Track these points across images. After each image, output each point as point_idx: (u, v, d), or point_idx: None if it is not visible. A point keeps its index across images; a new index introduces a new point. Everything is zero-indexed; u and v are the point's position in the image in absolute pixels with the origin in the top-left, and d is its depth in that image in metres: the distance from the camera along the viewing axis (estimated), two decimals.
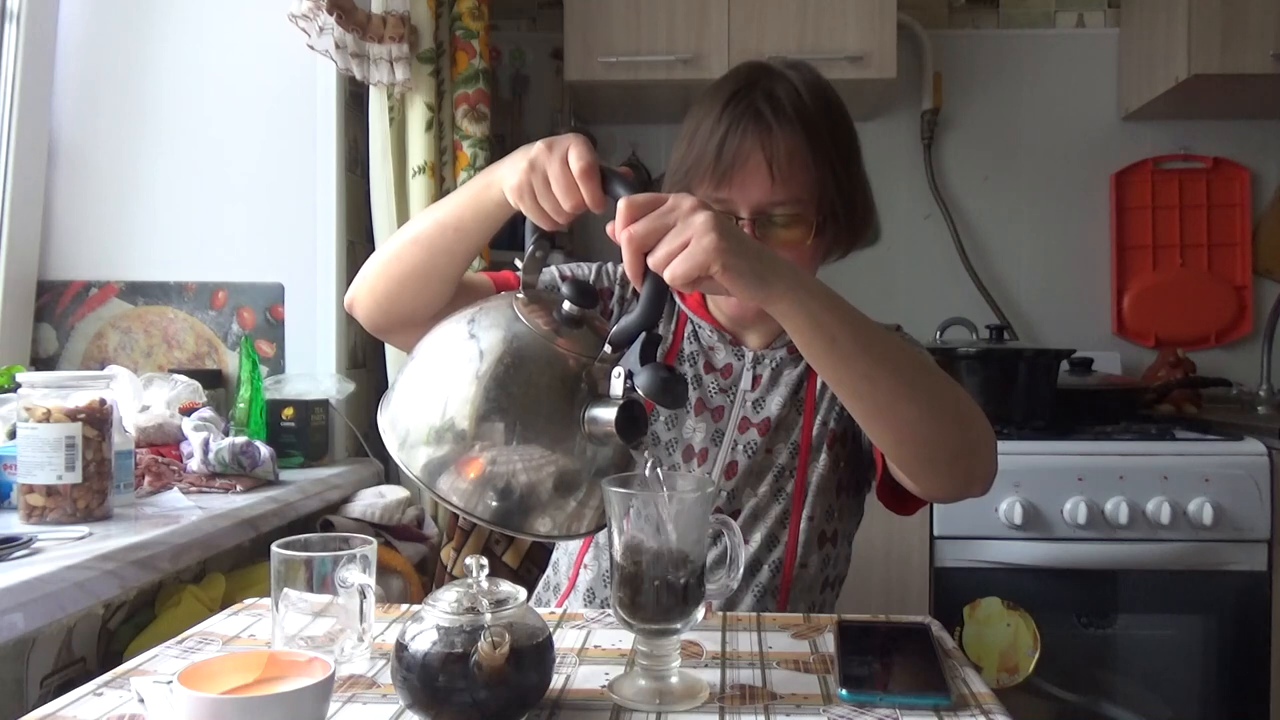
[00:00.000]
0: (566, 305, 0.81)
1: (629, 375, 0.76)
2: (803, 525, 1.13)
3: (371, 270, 1.06)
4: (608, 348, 0.78)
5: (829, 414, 1.15)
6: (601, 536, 1.16)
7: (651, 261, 0.76)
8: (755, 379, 1.16)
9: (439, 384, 0.80)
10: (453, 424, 0.77)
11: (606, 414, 0.75)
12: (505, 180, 0.91)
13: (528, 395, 0.78)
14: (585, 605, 1.16)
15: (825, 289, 0.84)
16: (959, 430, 0.90)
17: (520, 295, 0.84)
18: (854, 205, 1.12)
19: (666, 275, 0.76)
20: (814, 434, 1.14)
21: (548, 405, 0.78)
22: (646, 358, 0.78)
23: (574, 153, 0.85)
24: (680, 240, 0.76)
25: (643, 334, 0.77)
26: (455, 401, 0.78)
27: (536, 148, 0.88)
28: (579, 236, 2.59)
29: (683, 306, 1.21)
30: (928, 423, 0.88)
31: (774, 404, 1.15)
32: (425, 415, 0.79)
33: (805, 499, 1.13)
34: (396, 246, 1.04)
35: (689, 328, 1.20)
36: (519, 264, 0.90)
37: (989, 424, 0.95)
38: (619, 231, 0.77)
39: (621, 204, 0.78)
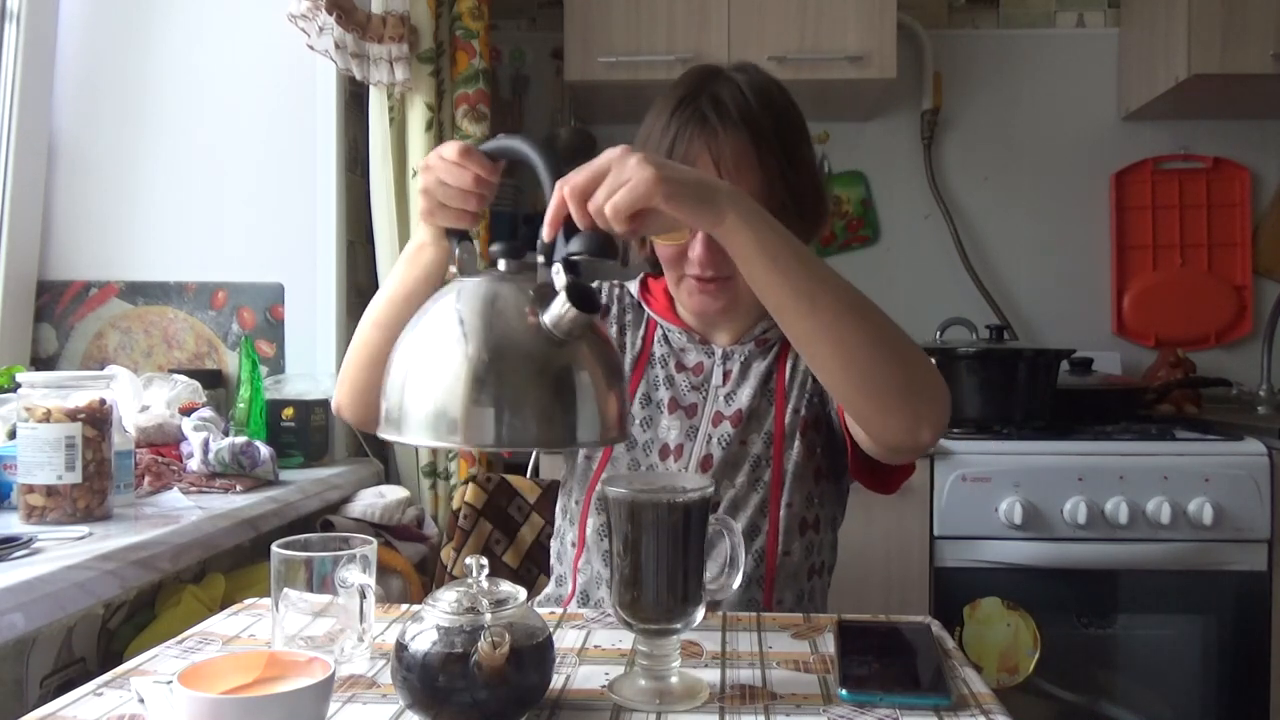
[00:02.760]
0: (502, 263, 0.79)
1: (566, 261, 0.75)
2: (782, 512, 1.14)
3: (346, 365, 1.10)
4: (539, 258, 0.78)
5: (800, 401, 1.17)
6: (592, 540, 1.17)
7: (592, 206, 0.78)
8: (726, 374, 1.19)
9: (425, 355, 0.76)
10: (445, 379, 0.73)
11: (559, 304, 0.72)
12: (417, 225, 0.99)
13: (504, 335, 0.74)
14: (580, 606, 1.17)
15: (765, 213, 0.86)
16: (902, 364, 0.90)
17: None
18: (805, 198, 1.13)
19: (609, 210, 0.77)
20: (786, 422, 1.16)
21: (519, 333, 0.74)
22: (571, 232, 0.77)
23: (446, 147, 0.91)
24: (619, 179, 0.78)
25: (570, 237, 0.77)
26: (442, 359, 0.74)
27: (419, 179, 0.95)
28: None
29: (651, 313, 1.24)
30: (870, 348, 0.88)
31: (745, 395, 1.17)
32: (418, 384, 0.75)
33: (783, 486, 1.15)
34: (361, 335, 1.07)
35: (658, 332, 1.24)
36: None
37: (938, 373, 0.94)
38: (561, 189, 0.78)
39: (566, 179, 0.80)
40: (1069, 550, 1.95)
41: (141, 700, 0.70)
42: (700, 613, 0.80)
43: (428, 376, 0.74)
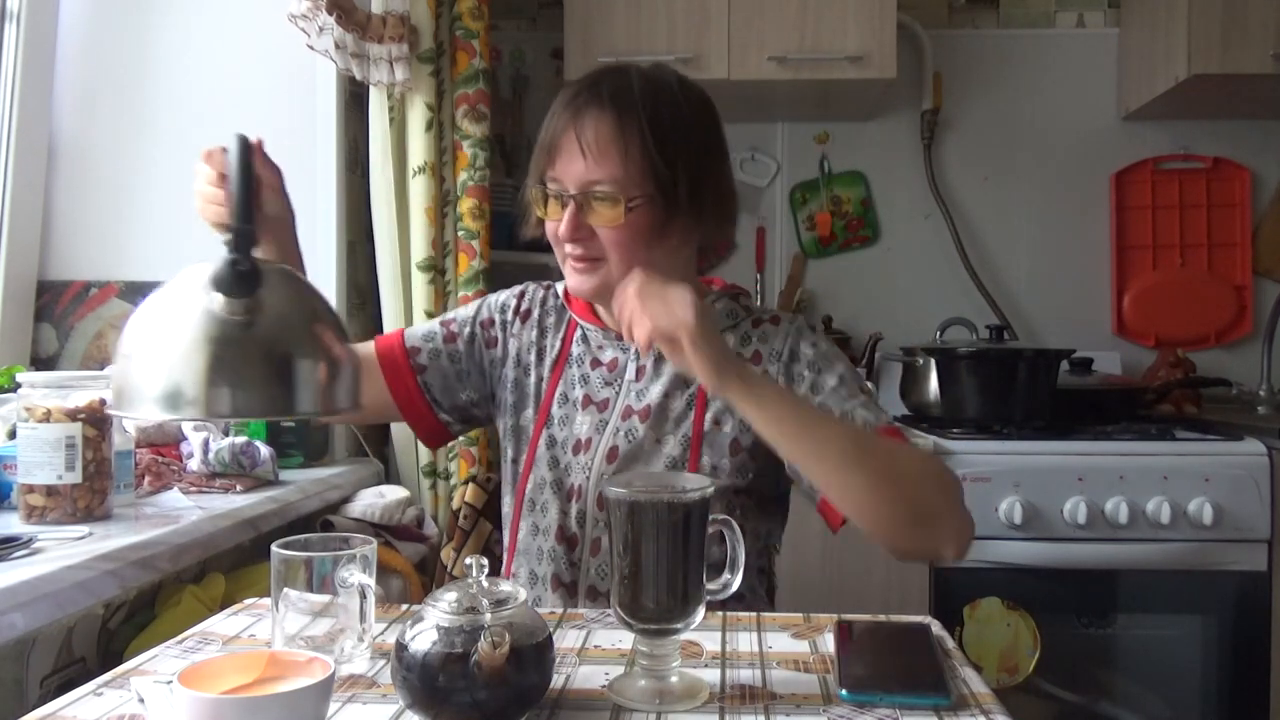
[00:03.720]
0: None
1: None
2: None
3: None
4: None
5: (722, 413, 1.16)
6: (524, 544, 1.19)
7: (629, 315, 0.96)
8: (639, 370, 1.20)
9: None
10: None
11: (214, 295, 0.75)
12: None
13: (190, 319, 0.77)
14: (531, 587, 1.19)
15: (774, 386, 1.03)
16: (911, 500, 1.00)
17: None
18: (682, 191, 1.11)
19: (648, 321, 0.94)
20: (705, 430, 1.16)
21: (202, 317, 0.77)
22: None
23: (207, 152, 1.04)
24: (668, 307, 0.94)
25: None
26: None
27: None
28: None
29: (572, 314, 1.26)
30: (875, 490, 0.98)
31: (655, 391, 1.18)
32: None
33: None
34: None
35: (577, 333, 1.25)
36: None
37: (957, 495, 1.03)
38: (626, 292, 0.97)
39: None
40: (1069, 550, 1.95)
41: (141, 700, 0.70)
42: (700, 613, 0.80)
43: (146, 355, 0.77)
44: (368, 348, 1.27)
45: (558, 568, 1.16)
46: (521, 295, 1.30)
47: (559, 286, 1.30)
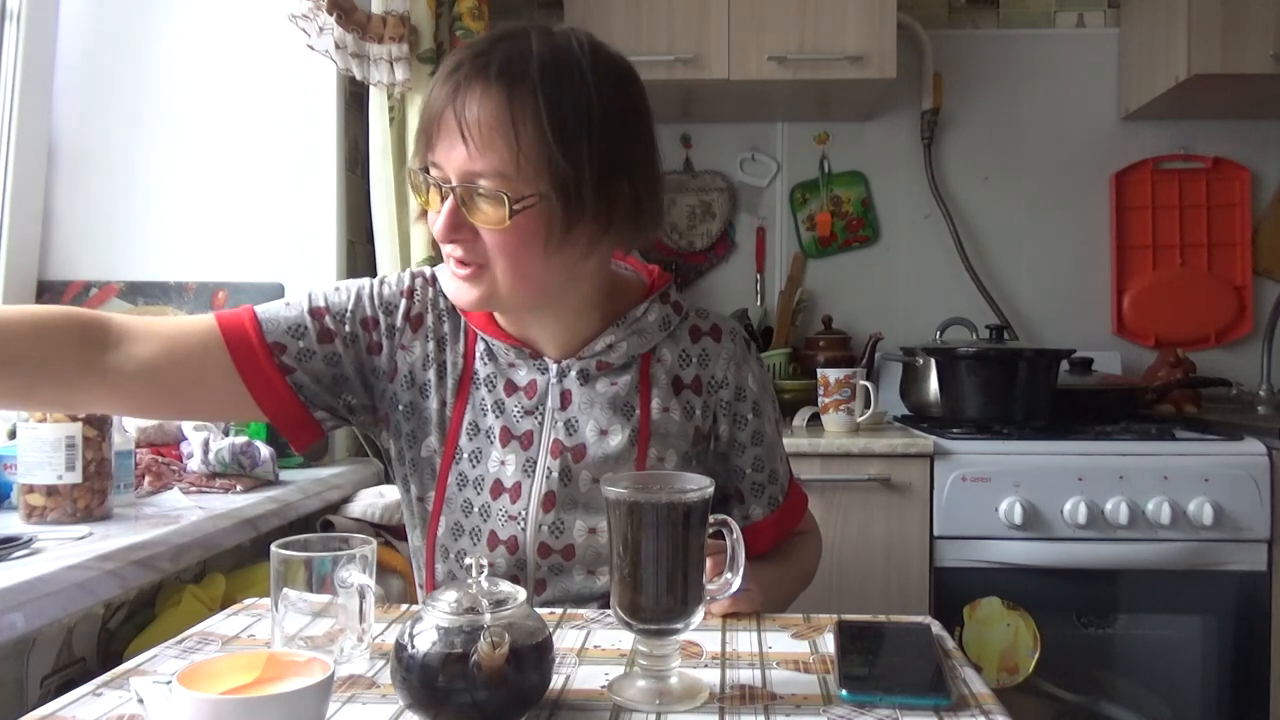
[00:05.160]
0: None
1: None
2: None
3: None
4: None
5: (666, 451, 1.04)
6: (443, 574, 1.08)
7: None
8: (564, 395, 1.04)
9: None
10: None
11: None
12: None
13: None
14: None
15: (771, 582, 1.08)
16: (801, 590, 1.22)
17: None
18: (604, 188, 0.93)
19: (715, 608, 0.96)
20: (650, 466, 1.04)
21: None
22: None
23: None
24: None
25: None
26: None
27: None
28: None
29: (470, 324, 1.07)
30: (793, 598, 1.18)
31: (589, 426, 1.03)
32: None
33: None
34: None
35: (480, 347, 1.06)
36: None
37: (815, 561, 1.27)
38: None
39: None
40: (1069, 550, 1.95)
41: (141, 700, 0.70)
42: (700, 613, 0.80)
43: None
44: (184, 325, 1.00)
45: None
46: (410, 295, 1.07)
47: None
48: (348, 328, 1.05)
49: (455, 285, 0.98)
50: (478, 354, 1.06)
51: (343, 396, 1.06)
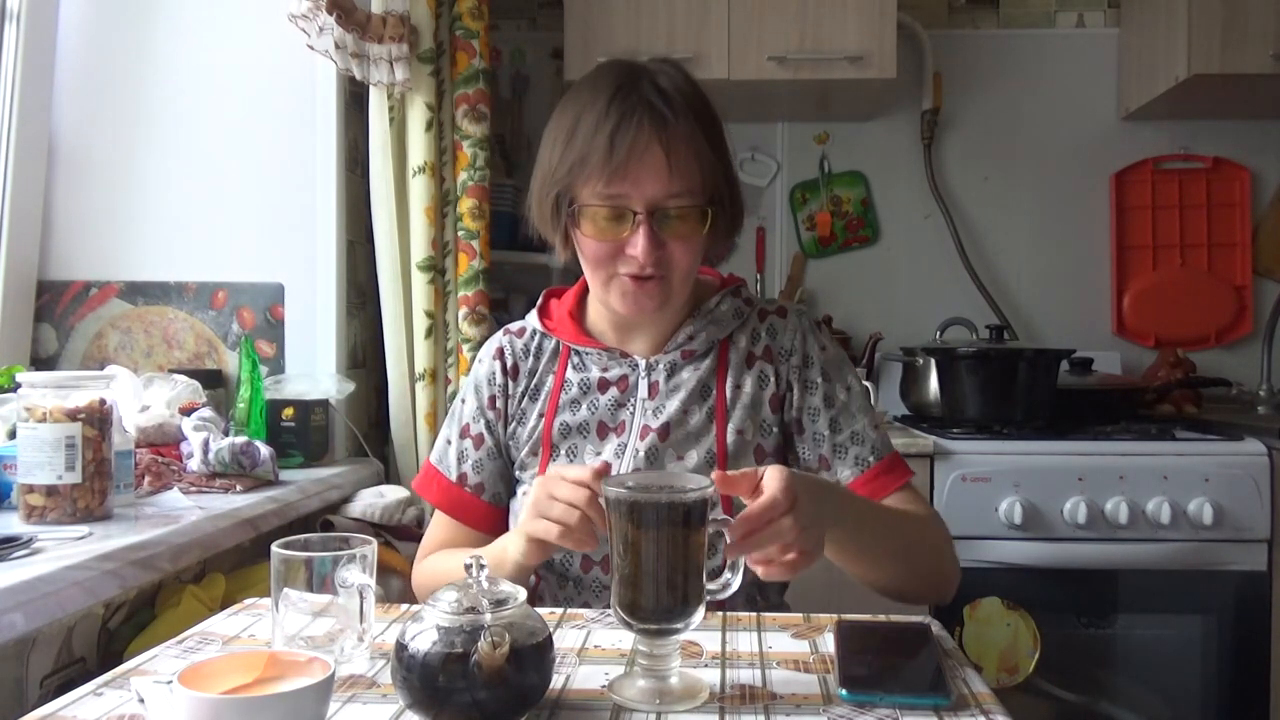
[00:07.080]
0: None
1: None
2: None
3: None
4: None
5: (745, 422, 1.13)
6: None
7: (758, 556, 0.84)
8: (652, 386, 1.15)
9: None
10: None
11: None
12: (519, 546, 0.98)
13: None
14: None
15: (854, 508, 0.99)
16: (928, 574, 1.09)
17: None
18: (735, 195, 1.11)
19: (777, 571, 0.86)
20: (729, 441, 1.12)
21: None
22: None
23: (571, 470, 0.93)
24: (798, 547, 0.84)
25: None
26: None
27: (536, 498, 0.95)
28: None
29: (561, 340, 1.20)
30: (903, 575, 1.06)
31: (672, 407, 1.13)
32: None
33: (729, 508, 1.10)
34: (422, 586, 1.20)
35: (572, 360, 1.19)
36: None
37: (952, 558, 1.13)
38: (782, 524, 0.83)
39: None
40: (1069, 550, 1.95)
41: (141, 700, 0.70)
42: (700, 613, 0.80)
43: None
44: (430, 535, 1.23)
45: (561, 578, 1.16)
46: (501, 355, 1.22)
47: (530, 322, 1.23)
48: (483, 420, 1.21)
49: (639, 298, 1.08)
50: (568, 371, 1.19)
51: (507, 469, 1.22)
